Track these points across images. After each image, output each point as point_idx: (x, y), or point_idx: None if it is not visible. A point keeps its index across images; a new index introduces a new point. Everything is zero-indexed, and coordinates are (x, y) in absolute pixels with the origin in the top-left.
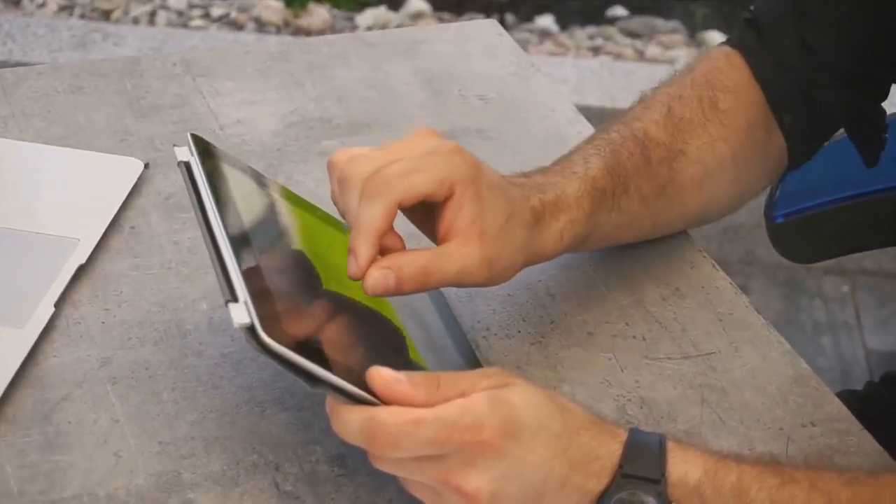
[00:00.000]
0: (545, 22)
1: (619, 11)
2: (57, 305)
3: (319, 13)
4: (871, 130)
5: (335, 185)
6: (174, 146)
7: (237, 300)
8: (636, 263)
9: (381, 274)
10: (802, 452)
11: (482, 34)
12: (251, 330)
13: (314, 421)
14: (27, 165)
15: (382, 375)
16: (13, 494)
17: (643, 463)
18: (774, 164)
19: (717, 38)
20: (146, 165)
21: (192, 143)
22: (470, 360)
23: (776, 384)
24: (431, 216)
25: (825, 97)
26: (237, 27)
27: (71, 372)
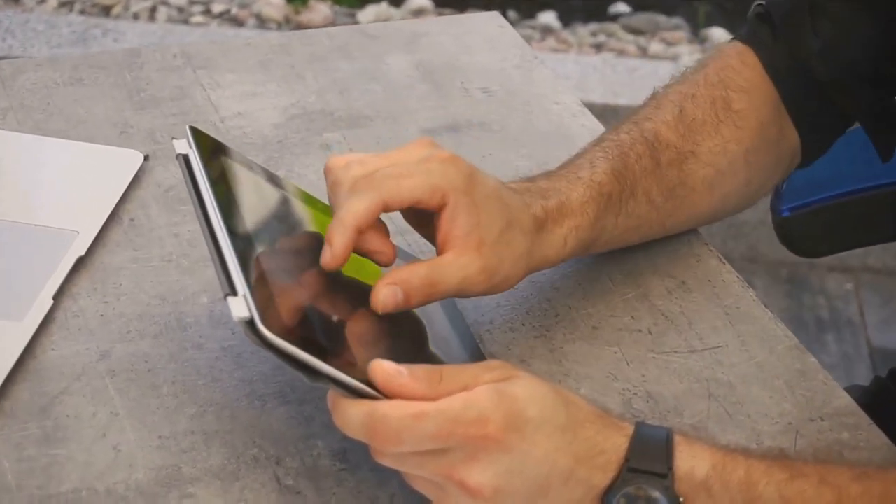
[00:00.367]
0: (547, 18)
1: (621, 8)
2: (56, 298)
3: (320, 9)
4: (886, 125)
5: (329, 189)
6: (173, 139)
7: (236, 294)
8: (642, 257)
9: (389, 290)
10: (811, 447)
11: (484, 26)
12: (250, 324)
13: (315, 415)
14: (26, 157)
15: (384, 368)
16: (11, 489)
17: (650, 457)
18: (787, 161)
19: (720, 34)
20: (146, 157)
21: (190, 135)
22: (474, 353)
23: (784, 378)
24: (431, 224)
25: (840, 92)
26: (238, 23)
27: (69, 365)
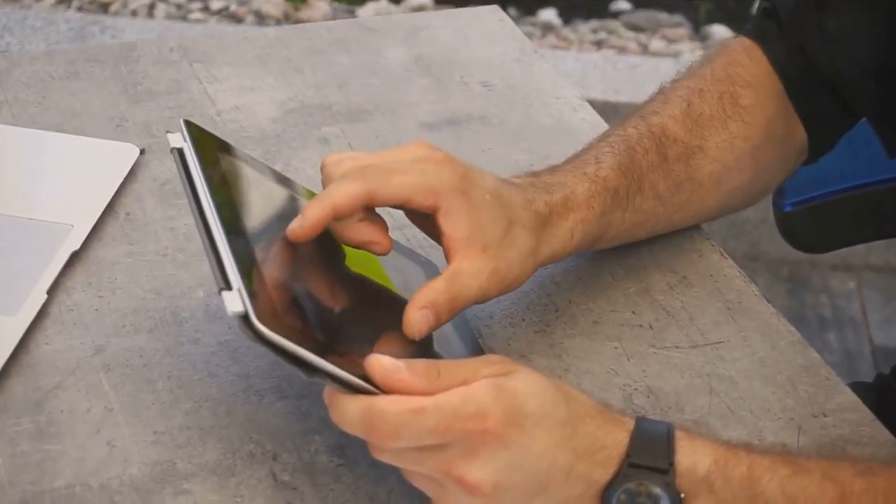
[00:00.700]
0: (548, 15)
1: (622, 5)
2: (50, 292)
3: (320, 6)
4: (893, 120)
5: (322, 185)
6: (167, 132)
7: (231, 288)
8: (643, 251)
9: (422, 315)
10: (814, 443)
11: (484, 20)
12: (245, 318)
13: (313, 410)
14: (21, 151)
15: (381, 363)
16: (3, 485)
17: (651, 452)
18: (793, 157)
19: (721, 31)
20: (142, 151)
21: (184, 129)
22: (473, 348)
23: (786, 374)
24: (436, 230)
25: (846, 87)
26: (236, 20)
27: (64, 360)
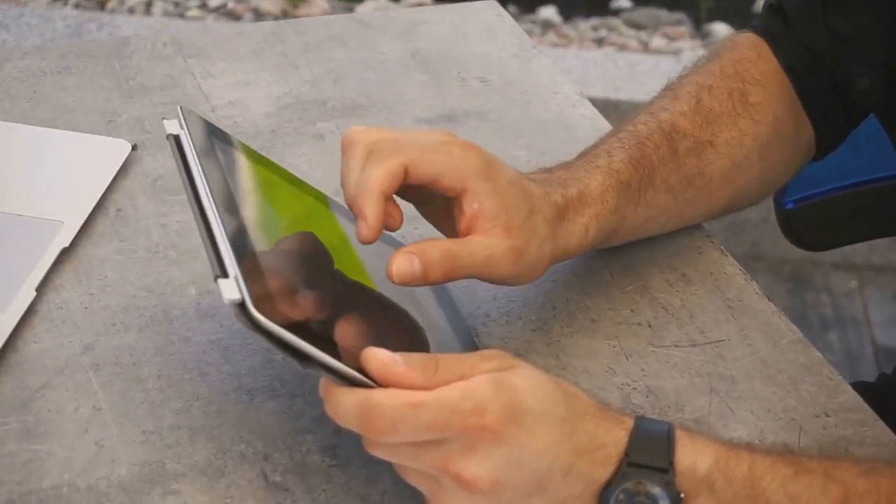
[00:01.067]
0: (548, 13)
1: (623, 3)
2: (39, 290)
3: (318, 4)
4: None
5: (342, 150)
6: (163, 119)
7: (227, 276)
8: (642, 249)
9: (405, 259)
10: (815, 443)
11: (482, 15)
12: (241, 306)
13: (305, 409)
14: (11, 146)
15: (378, 356)
16: None
17: (650, 451)
18: (801, 155)
19: (722, 29)
20: (134, 147)
21: (182, 116)
22: (468, 347)
23: (787, 373)
24: (451, 216)
25: (855, 83)
26: (234, 17)
27: (52, 358)
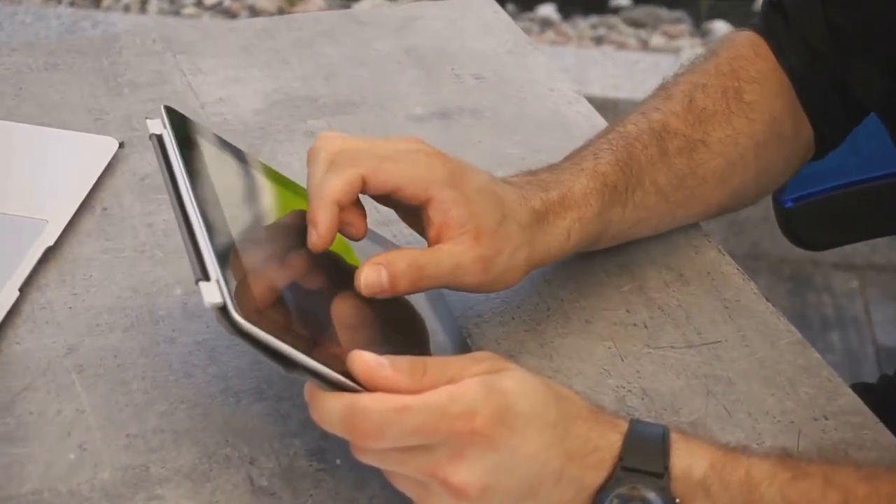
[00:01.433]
0: (546, 11)
1: (622, 1)
2: (22, 290)
3: (315, 1)
4: None
5: (307, 158)
6: (146, 118)
7: (209, 279)
8: (637, 248)
9: (373, 271)
10: (815, 447)
11: (477, 11)
12: (223, 310)
13: (293, 412)
14: None
15: (364, 359)
16: None
17: (645, 455)
18: (799, 154)
19: (722, 27)
20: (121, 145)
21: (165, 115)
22: (460, 347)
23: (786, 375)
24: (424, 222)
25: (856, 81)
26: (231, 15)
27: (35, 360)
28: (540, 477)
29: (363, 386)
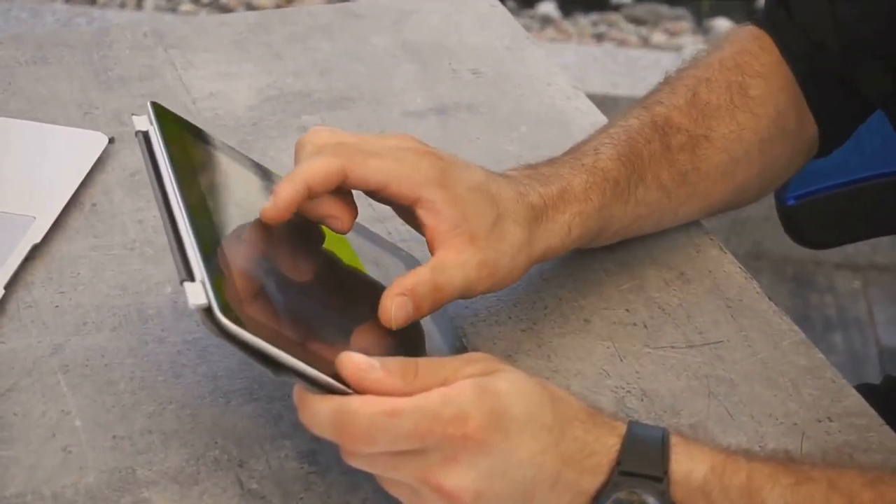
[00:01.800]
0: (547, 8)
1: None
2: (7, 288)
3: None
4: None
5: (294, 152)
6: (133, 115)
7: (193, 279)
8: (637, 245)
9: (400, 302)
10: (819, 449)
11: (475, 5)
12: (208, 311)
13: (284, 413)
14: None
15: (354, 361)
16: None
17: (644, 459)
18: (804, 151)
19: (724, 25)
20: (111, 140)
21: (151, 111)
22: (455, 348)
23: (789, 376)
24: (420, 226)
25: (862, 76)
26: (227, 12)
27: (19, 359)
28: (535, 482)
29: (353, 388)
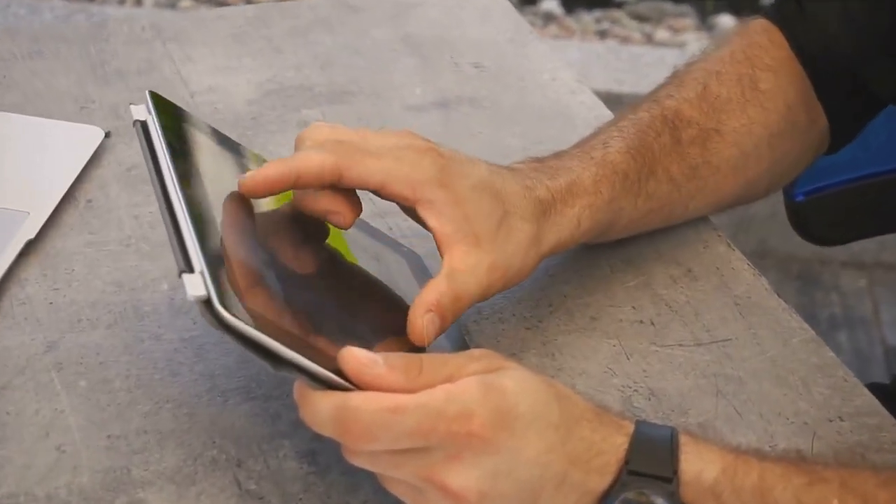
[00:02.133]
0: (550, 5)
1: None
2: (1, 284)
3: None
4: None
5: (294, 147)
6: (130, 105)
7: (192, 270)
8: (644, 242)
9: (428, 319)
10: (830, 449)
11: None
12: (207, 303)
13: (283, 412)
14: None
15: (356, 357)
16: None
17: (652, 459)
18: (813, 146)
19: (728, 22)
20: (107, 134)
21: (150, 101)
22: (459, 345)
23: (799, 374)
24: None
25: (872, 71)
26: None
27: (13, 357)
28: (541, 481)
29: (355, 384)
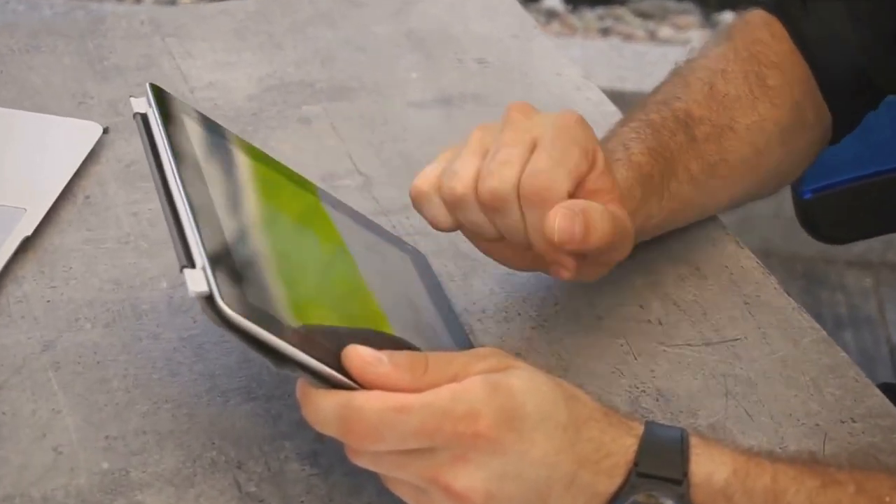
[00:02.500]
0: (552, 2)
1: None
2: None
3: None
4: None
5: (459, 208)
6: (130, 97)
7: (194, 266)
8: (652, 240)
9: (566, 216)
10: (842, 451)
11: None
12: (209, 299)
13: (284, 412)
14: None
15: (360, 354)
16: None
17: (662, 461)
18: (818, 141)
19: (731, 19)
20: (105, 130)
21: (150, 94)
22: (463, 346)
23: (810, 375)
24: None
25: (875, 63)
26: None
27: (9, 356)
28: (549, 483)
29: (359, 383)
